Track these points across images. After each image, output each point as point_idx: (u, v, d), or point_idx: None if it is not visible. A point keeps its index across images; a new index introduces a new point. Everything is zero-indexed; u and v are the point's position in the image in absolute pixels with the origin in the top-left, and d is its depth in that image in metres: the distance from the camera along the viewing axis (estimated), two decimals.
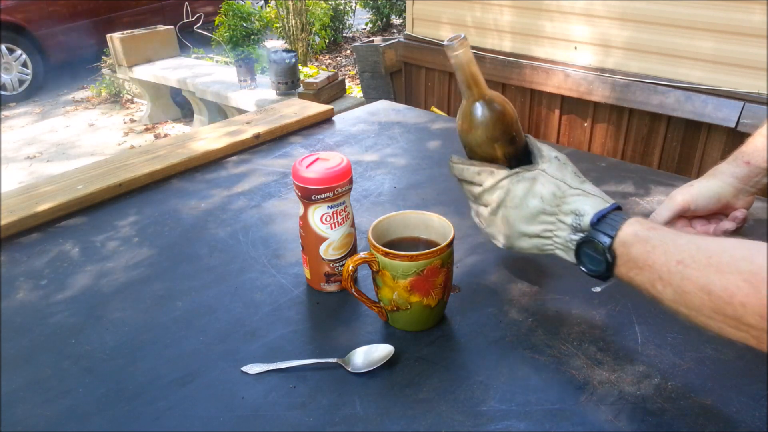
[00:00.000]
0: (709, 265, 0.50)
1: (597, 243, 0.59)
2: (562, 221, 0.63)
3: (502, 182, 0.67)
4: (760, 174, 0.75)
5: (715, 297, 0.48)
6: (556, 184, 0.65)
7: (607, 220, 0.60)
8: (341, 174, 0.72)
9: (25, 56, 5.49)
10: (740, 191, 0.75)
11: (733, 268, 0.48)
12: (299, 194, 0.72)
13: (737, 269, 0.47)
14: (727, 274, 0.48)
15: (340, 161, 0.73)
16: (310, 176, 0.71)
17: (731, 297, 0.47)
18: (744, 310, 0.46)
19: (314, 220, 0.73)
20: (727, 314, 0.48)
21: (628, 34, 2.53)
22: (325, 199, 0.71)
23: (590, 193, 0.64)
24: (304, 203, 0.73)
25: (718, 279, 0.48)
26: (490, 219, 0.70)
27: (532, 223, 0.66)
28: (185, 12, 5.72)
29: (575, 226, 0.62)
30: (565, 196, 0.64)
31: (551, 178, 0.65)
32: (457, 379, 0.62)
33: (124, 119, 4.84)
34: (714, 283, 0.48)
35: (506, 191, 0.67)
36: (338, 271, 0.76)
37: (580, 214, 0.62)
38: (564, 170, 0.66)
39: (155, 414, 0.59)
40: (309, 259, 0.76)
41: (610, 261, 0.58)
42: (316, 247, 0.74)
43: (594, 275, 0.61)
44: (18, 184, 3.34)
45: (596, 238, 0.59)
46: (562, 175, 0.66)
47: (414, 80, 3.48)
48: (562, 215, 0.63)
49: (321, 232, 0.73)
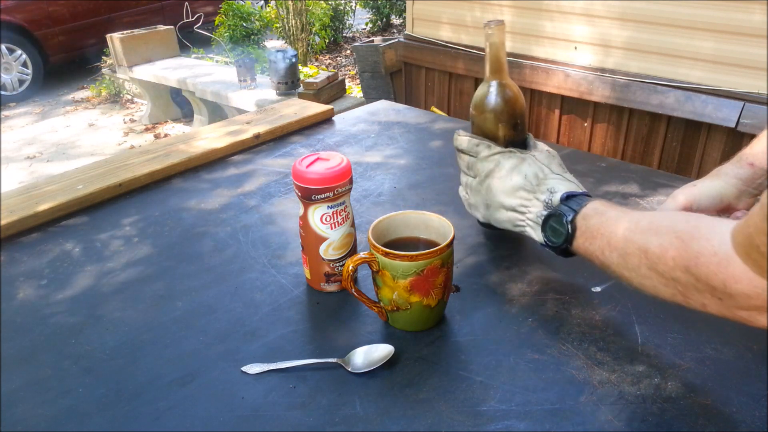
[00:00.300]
0: (650, 229, 0.54)
1: (561, 216, 0.65)
2: (538, 198, 0.71)
3: (495, 156, 0.76)
4: (764, 176, 0.75)
5: (651, 255, 0.53)
6: (541, 167, 0.73)
7: (576, 200, 0.67)
8: (341, 174, 0.71)
9: (25, 56, 5.49)
10: (743, 192, 0.75)
11: (670, 229, 0.52)
12: (299, 194, 0.72)
13: (674, 230, 0.51)
14: (663, 235, 0.52)
15: (340, 161, 0.73)
16: (310, 176, 0.71)
17: (664, 253, 0.51)
18: (674, 264, 0.50)
19: (314, 220, 0.73)
20: (659, 270, 0.52)
21: (628, 34, 2.53)
22: (325, 199, 0.71)
23: (569, 180, 0.71)
24: (304, 203, 0.73)
25: (656, 239, 0.53)
26: (476, 188, 0.78)
27: (511, 197, 0.73)
28: (185, 12, 5.72)
29: (547, 202, 0.70)
30: (546, 178, 0.72)
31: (538, 162, 0.74)
32: (457, 379, 0.62)
33: (124, 119, 4.84)
34: (651, 242, 0.53)
35: (496, 163, 0.75)
36: (338, 271, 0.76)
37: (553, 192, 0.69)
38: (551, 160, 0.75)
39: (155, 414, 0.59)
40: (309, 259, 0.76)
41: (569, 232, 0.64)
42: (316, 247, 0.74)
43: (553, 247, 0.67)
44: (18, 184, 3.34)
45: (561, 211, 0.66)
46: (548, 162, 0.74)
47: (414, 80, 3.48)
48: (539, 193, 0.71)
49: (321, 232, 0.73)
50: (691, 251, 0.48)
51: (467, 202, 0.83)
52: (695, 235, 0.49)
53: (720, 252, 0.45)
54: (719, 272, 0.46)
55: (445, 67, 3.23)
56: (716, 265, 0.46)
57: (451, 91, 3.31)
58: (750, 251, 0.43)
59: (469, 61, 3.09)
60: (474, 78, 3.12)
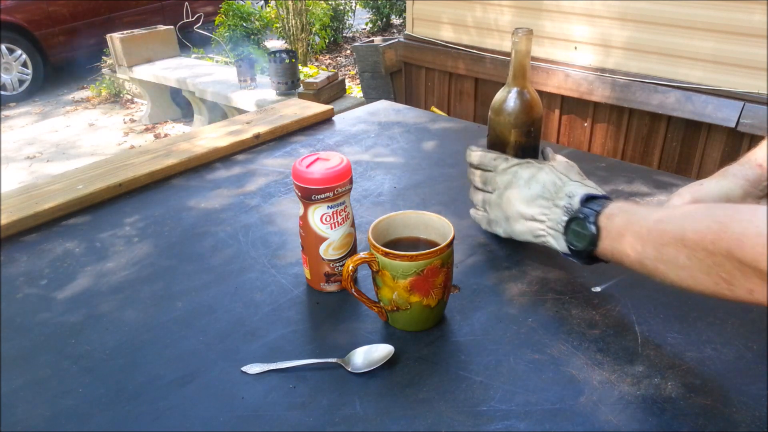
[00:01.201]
0: (685, 217, 0.52)
1: (583, 218, 0.63)
2: (557, 205, 0.69)
3: (513, 167, 0.76)
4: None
5: (688, 241, 0.50)
6: (559, 176, 0.72)
7: (597, 201, 0.65)
8: (341, 174, 0.71)
9: (25, 56, 5.49)
10: (749, 194, 0.75)
11: (707, 215, 0.50)
12: (299, 194, 0.72)
13: (710, 215, 0.49)
14: (700, 221, 0.50)
15: (340, 161, 0.73)
16: (309, 176, 0.70)
17: (702, 238, 0.48)
18: (713, 248, 0.47)
19: (314, 220, 0.73)
20: (698, 257, 0.49)
21: (628, 34, 2.53)
22: (324, 199, 0.71)
23: (587, 185, 0.70)
24: (304, 203, 0.73)
25: (692, 225, 0.50)
26: (496, 202, 0.77)
27: (530, 206, 0.72)
28: (185, 12, 5.72)
29: (567, 207, 0.68)
30: (565, 185, 0.70)
31: (556, 171, 0.72)
32: (457, 379, 0.62)
33: (124, 119, 4.84)
34: (687, 229, 0.50)
35: (513, 174, 0.75)
36: (338, 271, 0.76)
37: (572, 196, 0.68)
38: (570, 169, 0.73)
39: (155, 414, 0.59)
40: (309, 259, 0.76)
41: (594, 233, 0.62)
42: (316, 247, 0.74)
43: (577, 252, 0.65)
44: (18, 184, 3.34)
45: (583, 213, 0.64)
46: (566, 171, 0.73)
47: (414, 80, 3.48)
48: (557, 200, 0.70)
49: (321, 232, 0.73)
50: (733, 234, 0.45)
51: (485, 219, 0.82)
52: (736, 217, 0.46)
53: (766, 231, 0.42)
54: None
55: (445, 67, 3.23)
56: (763, 246, 0.42)
57: (451, 91, 3.31)
58: None
59: (469, 61, 3.09)
60: (474, 78, 3.12)
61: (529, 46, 0.79)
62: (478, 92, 3.17)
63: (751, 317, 0.69)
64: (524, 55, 0.79)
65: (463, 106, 3.29)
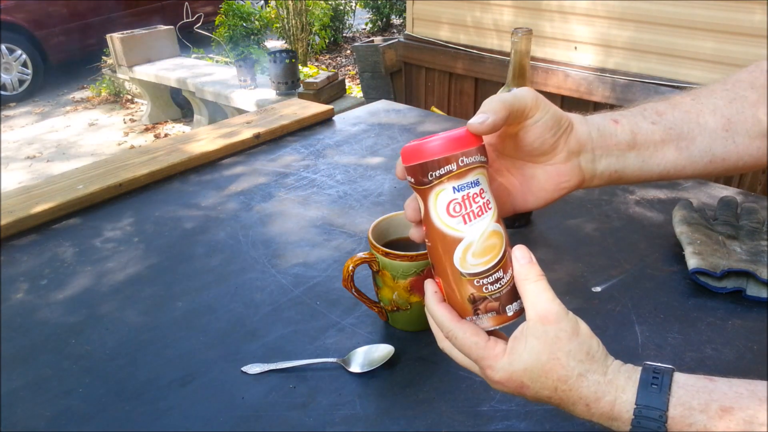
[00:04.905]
0: None
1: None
2: None
3: None
4: (614, 152, 0.52)
5: None
6: None
7: None
8: (464, 139, 0.46)
9: (25, 56, 5.49)
10: (564, 137, 0.52)
11: None
12: (412, 181, 0.47)
13: None
14: None
15: (462, 129, 0.47)
16: (421, 148, 0.45)
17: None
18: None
19: (438, 212, 0.46)
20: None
21: (628, 34, 2.53)
22: (447, 175, 0.45)
23: None
24: (420, 194, 0.47)
25: None
26: None
27: None
28: (185, 12, 5.72)
29: None
30: None
31: None
32: (457, 379, 0.62)
33: (124, 119, 4.84)
34: None
35: None
36: (489, 292, 0.47)
37: None
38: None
39: (155, 414, 0.59)
40: (443, 281, 0.48)
41: None
42: (448, 256, 0.46)
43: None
44: (18, 184, 3.34)
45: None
46: None
47: (414, 80, 3.48)
48: None
49: (450, 230, 0.46)
50: None
51: None
52: None
53: None
54: None
55: (445, 67, 3.23)
56: None
57: (451, 91, 3.31)
58: None
59: (469, 61, 3.09)
60: (474, 78, 3.12)
61: (528, 46, 0.79)
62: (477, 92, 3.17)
63: (751, 317, 0.69)
64: (524, 55, 0.79)
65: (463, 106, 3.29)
